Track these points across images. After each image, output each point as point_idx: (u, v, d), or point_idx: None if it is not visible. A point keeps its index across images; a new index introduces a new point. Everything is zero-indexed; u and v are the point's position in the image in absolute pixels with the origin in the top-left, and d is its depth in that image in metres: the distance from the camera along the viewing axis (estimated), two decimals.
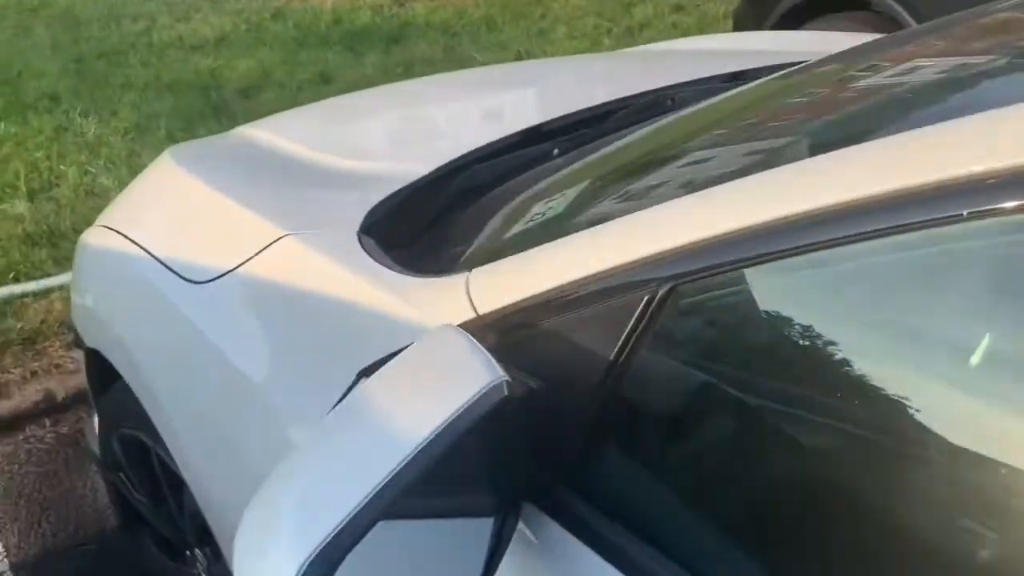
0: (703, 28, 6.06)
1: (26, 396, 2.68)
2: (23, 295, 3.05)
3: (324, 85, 5.04)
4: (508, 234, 1.11)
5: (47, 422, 2.66)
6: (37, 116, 4.52)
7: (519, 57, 5.60)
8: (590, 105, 1.56)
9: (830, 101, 1.10)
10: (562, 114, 1.53)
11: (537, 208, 1.17)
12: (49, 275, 3.18)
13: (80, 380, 2.73)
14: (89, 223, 3.76)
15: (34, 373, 2.76)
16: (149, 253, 1.42)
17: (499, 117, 1.73)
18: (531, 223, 1.11)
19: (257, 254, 1.21)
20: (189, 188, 1.54)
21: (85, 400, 2.72)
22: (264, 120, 2.20)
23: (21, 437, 2.61)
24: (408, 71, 5.27)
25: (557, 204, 1.13)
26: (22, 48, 5.62)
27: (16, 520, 2.35)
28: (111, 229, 1.61)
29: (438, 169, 1.39)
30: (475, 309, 0.90)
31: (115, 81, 5.06)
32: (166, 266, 1.36)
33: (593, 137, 1.45)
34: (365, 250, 1.13)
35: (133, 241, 1.51)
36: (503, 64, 3.94)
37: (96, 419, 2.12)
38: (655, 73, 1.78)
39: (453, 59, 5.54)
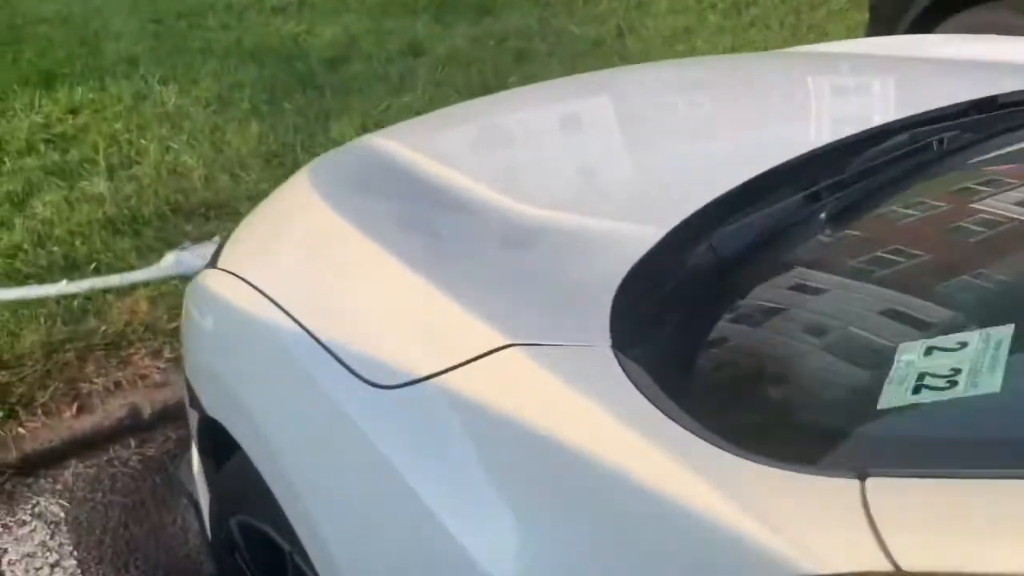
0: (812, 4, 5.64)
1: (109, 411, 2.43)
2: (105, 290, 2.79)
3: (414, 58, 4.72)
4: (890, 402, 0.77)
5: (132, 442, 2.41)
6: (115, 82, 4.26)
7: (619, 32, 5.23)
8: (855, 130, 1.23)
9: None
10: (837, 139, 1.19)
11: (934, 363, 0.78)
12: (132, 268, 2.92)
13: (168, 395, 2.49)
14: (173, 207, 3.52)
15: (118, 384, 2.50)
16: (302, 326, 1.13)
17: (736, 141, 1.38)
18: (936, 392, 0.76)
19: (463, 364, 0.91)
20: (343, 235, 1.24)
21: (173, 419, 2.47)
22: (401, 129, 1.90)
23: (104, 459, 2.36)
24: (502, 45, 4.93)
25: (979, 364, 0.76)
26: (99, 4, 5.36)
27: (101, 562, 2.10)
28: (240, 278, 1.32)
29: (685, 228, 1.06)
30: (890, 557, 0.58)
31: (194, 45, 4.78)
32: (329, 350, 1.06)
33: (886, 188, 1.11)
34: (638, 388, 0.81)
35: (274, 302, 1.21)
36: (692, 59, 3.46)
37: (197, 464, 1.86)
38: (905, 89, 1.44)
39: (549, 32, 5.18)
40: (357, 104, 4.10)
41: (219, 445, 1.45)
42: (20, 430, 2.35)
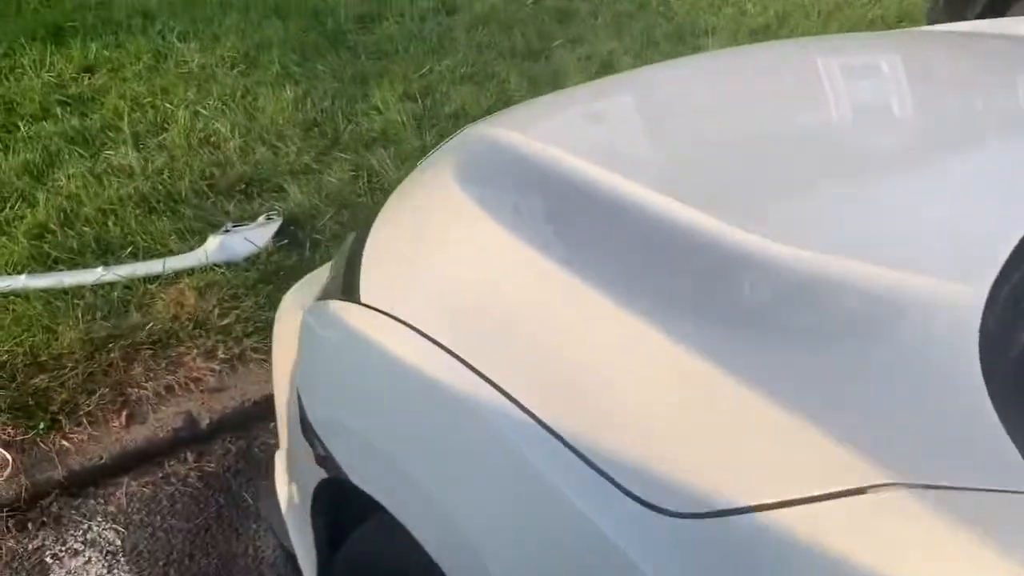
0: None
1: (163, 421, 2.18)
2: (146, 278, 2.52)
3: (448, 16, 4.41)
4: None
5: (189, 456, 2.16)
6: (131, 37, 3.93)
7: None
8: None
9: None
10: None
11: None
12: (172, 252, 2.65)
13: (225, 402, 2.25)
14: (209, 182, 3.20)
15: (169, 389, 2.25)
16: (530, 414, 0.88)
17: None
18: None
19: (813, 500, 0.68)
20: (552, 279, 0.99)
21: (232, 428, 2.23)
22: (526, 113, 1.63)
23: (160, 475, 2.12)
24: (540, 3, 4.61)
25: None
26: None
27: None
28: (407, 325, 1.07)
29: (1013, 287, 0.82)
30: None
31: None
32: (579, 454, 0.82)
33: None
34: None
35: (476, 371, 0.96)
36: (849, 35, 3.09)
37: (287, 501, 1.63)
38: None
39: None
40: (395, 67, 3.80)
41: (343, 505, 1.21)
42: (64, 443, 2.10)
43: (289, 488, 1.63)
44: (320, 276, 1.67)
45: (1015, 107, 1.31)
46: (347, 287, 1.26)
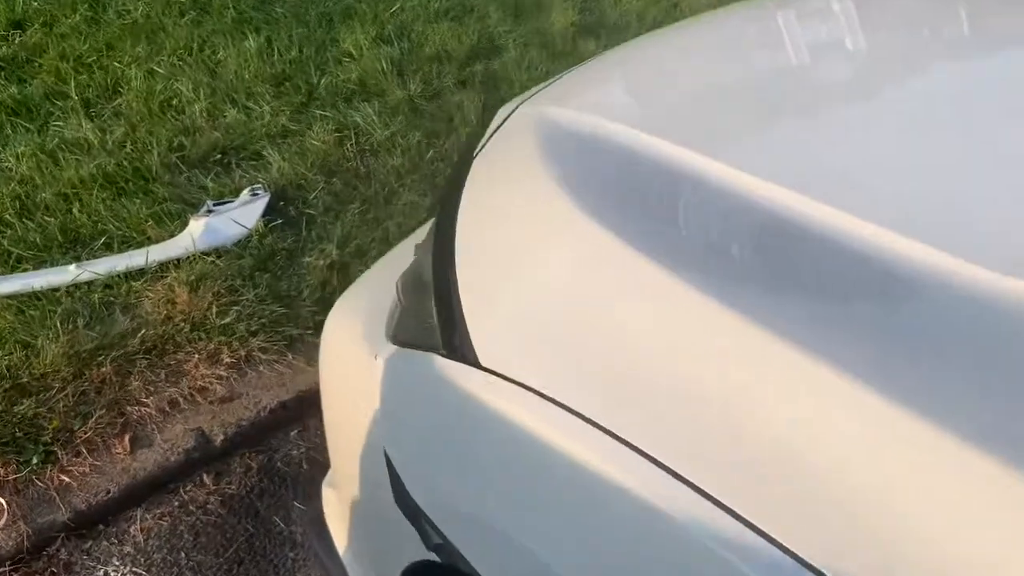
0: None
1: (172, 442, 1.94)
2: (128, 274, 2.25)
3: None
4: None
5: (206, 478, 1.94)
6: None
7: None
8: None
9: None
10: None
11: None
12: (151, 240, 2.37)
13: (238, 412, 2.02)
14: (178, 152, 2.85)
15: (174, 404, 2.01)
16: (726, 510, 0.69)
17: None
18: None
19: None
20: (708, 322, 0.79)
21: (248, 443, 2.01)
22: (597, 90, 1.39)
23: (177, 504, 1.90)
24: None
25: None
26: None
27: None
28: (527, 388, 0.86)
29: None
30: None
31: None
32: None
33: None
34: None
35: (643, 454, 0.76)
36: None
37: (345, 548, 1.44)
38: None
39: None
40: (362, 5, 3.47)
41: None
42: (64, 478, 1.86)
43: (351, 531, 1.44)
44: (371, 286, 1.44)
45: None
46: (447, 334, 1.03)
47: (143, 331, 2.10)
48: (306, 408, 2.08)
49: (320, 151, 2.70)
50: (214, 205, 2.47)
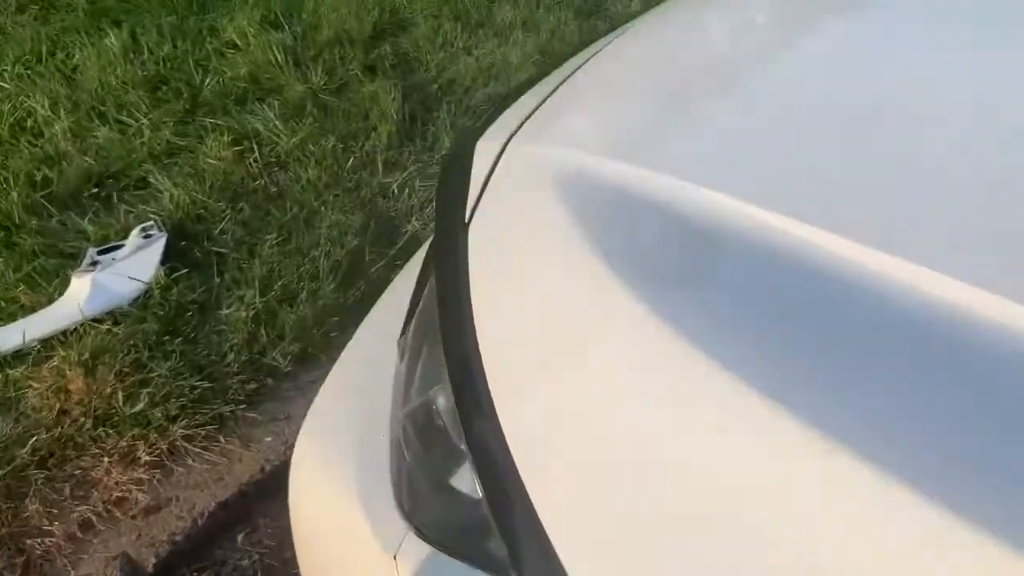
0: None
1: None
2: (2, 361, 1.81)
3: None
4: None
5: None
6: None
7: None
8: None
9: None
10: None
11: None
12: (25, 308, 1.93)
13: (169, 526, 1.65)
14: (43, 189, 2.28)
15: (86, 525, 1.61)
16: None
17: None
18: None
19: None
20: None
21: (188, 559, 1.64)
22: (620, 138, 1.05)
23: None
24: None
25: None
26: None
27: None
28: None
29: None
30: None
31: None
32: None
33: None
34: None
35: None
36: None
37: None
38: None
39: None
40: None
41: None
42: None
43: None
44: (347, 403, 1.09)
45: None
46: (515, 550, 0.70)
47: (33, 436, 1.68)
48: (251, 503, 1.71)
49: (218, 170, 2.27)
50: (99, 255, 2.03)
